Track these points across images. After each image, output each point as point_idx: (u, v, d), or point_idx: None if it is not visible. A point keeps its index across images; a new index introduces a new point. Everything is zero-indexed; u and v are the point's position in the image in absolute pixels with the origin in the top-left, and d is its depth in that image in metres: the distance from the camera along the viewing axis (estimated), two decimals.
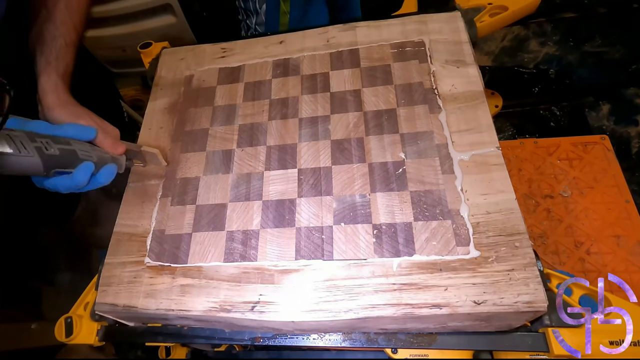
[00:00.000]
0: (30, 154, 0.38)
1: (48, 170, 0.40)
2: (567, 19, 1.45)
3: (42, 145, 0.39)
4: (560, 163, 0.88)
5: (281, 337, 0.48)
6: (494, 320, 0.41)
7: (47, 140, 0.40)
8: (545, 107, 1.30)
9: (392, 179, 0.48)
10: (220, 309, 0.44)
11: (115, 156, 0.48)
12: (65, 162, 0.41)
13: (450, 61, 0.55)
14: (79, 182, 0.42)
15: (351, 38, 0.62)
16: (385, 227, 0.45)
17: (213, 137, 0.57)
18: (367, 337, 0.46)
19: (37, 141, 0.39)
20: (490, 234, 0.42)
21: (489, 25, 0.62)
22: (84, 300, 0.54)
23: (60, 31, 0.52)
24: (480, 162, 0.46)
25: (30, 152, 0.38)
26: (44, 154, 0.39)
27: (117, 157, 0.48)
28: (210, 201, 0.51)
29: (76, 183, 0.42)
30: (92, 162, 0.43)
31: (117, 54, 1.24)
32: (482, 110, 0.50)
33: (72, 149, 0.42)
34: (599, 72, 1.33)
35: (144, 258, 0.49)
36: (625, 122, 1.21)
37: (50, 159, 0.40)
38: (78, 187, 0.43)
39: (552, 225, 0.82)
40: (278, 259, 0.45)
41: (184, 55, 0.68)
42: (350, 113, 0.54)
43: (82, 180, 0.42)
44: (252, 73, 0.62)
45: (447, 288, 0.40)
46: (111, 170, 0.45)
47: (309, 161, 0.51)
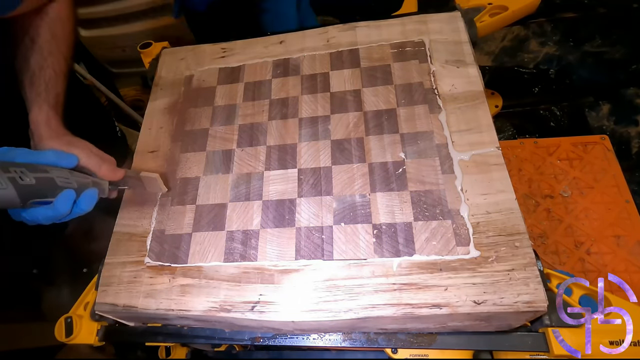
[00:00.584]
0: (2, 186, 0.36)
1: (25, 201, 0.38)
2: (567, 19, 1.45)
3: (15, 175, 0.37)
4: (560, 163, 0.88)
5: (281, 337, 0.48)
6: (494, 320, 0.41)
7: (21, 170, 0.38)
8: (545, 107, 1.30)
9: (392, 179, 0.48)
10: (220, 309, 0.44)
11: (97, 180, 0.45)
12: (43, 192, 0.39)
13: (450, 61, 0.55)
14: (60, 211, 0.40)
15: (351, 38, 0.62)
16: (385, 227, 0.45)
17: (213, 137, 0.57)
18: (367, 337, 0.46)
19: (10, 171, 0.37)
20: (490, 234, 0.42)
21: (489, 25, 0.62)
22: (84, 300, 0.54)
23: (48, 62, 0.51)
24: (480, 162, 0.46)
25: (3, 184, 0.36)
26: (18, 185, 0.37)
27: (99, 181, 0.46)
28: (210, 201, 0.51)
29: (58, 213, 0.40)
30: (72, 190, 0.41)
31: (117, 54, 1.24)
32: (482, 110, 0.50)
33: (49, 176, 0.40)
34: (599, 72, 1.33)
35: (144, 258, 0.49)
36: (625, 122, 1.21)
37: (26, 189, 0.37)
38: (60, 217, 0.41)
39: (552, 225, 0.82)
40: (278, 259, 0.45)
41: (184, 55, 0.68)
42: (350, 113, 0.54)
43: (64, 210, 0.41)
44: (252, 73, 0.62)
45: (447, 288, 0.40)
46: (92, 195, 0.43)
47: (309, 161, 0.51)
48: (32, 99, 0.49)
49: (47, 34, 0.52)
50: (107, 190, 0.47)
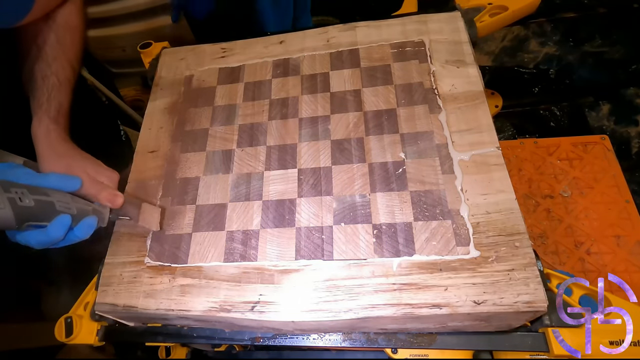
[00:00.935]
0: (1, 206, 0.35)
1: (20, 224, 0.37)
2: (567, 19, 1.45)
3: (15, 196, 0.36)
4: (560, 163, 0.88)
5: (281, 337, 0.48)
6: (494, 320, 0.41)
7: (22, 191, 0.36)
8: (545, 107, 1.30)
9: (392, 179, 0.48)
10: (220, 309, 0.44)
11: (98, 208, 0.44)
12: (40, 215, 0.38)
13: (450, 61, 0.55)
14: (53, 237, 0.38)
15: (351, 38, 0.62)
16: (385, 227, 0.45)
17: (213, 137, 0.57)
18: (367, 337, 0.46)
19: (11, 191, 0.36)
20: (490, 234, 0.42)
21: (489, 25, 0.62)
22: (84, 300, 0.54)
23: (52, 69, 0.49)
24: (480, 162, 0.46)
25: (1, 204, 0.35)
26: (16, 206, 0.36)
27: (100, 209, 0.44)
28: (210, 201, 0.51)
29: (50, 238, 0.38)
30: (69, 215, 0.39)
31: (117, 54, 1.23)
32: (482, 110, 0.50)
33: (49, 200, 0.38)
34: (599, 72, 1.33)
35: (144, 258, 0.49)
36: (625, 122, 1.21)
37: (24, 211, 0.36)
38: (52, 242, 0.39)
39: (552, 225, 0.82)
40: (278, 259, 0.45)
41: (184, 55, 0.68)
42: (350, 113, 0.54)
43: (57, 235, 0.39)
44: (252, 73, 0.62)
45: (447, 288, 0.40)
46: (90, 223, 0.41)
47: (309, 161, 0.51)
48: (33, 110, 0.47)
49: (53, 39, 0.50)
50: (107, 219, 0.45)
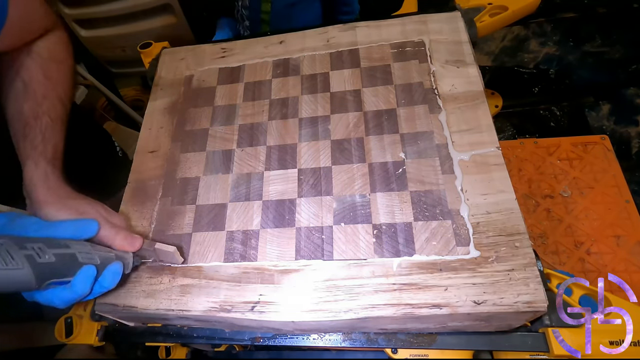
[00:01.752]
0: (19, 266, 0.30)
1: (41, 283, 0.32)
2: (567, 19, 1.45)
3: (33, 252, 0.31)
4: (560, 163, 0.88)
5: (281, 337, 0.48)
6: (494, 320, 0.41)
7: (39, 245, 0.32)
8: (545, 107, 1.30)
9: (392, 179, 0.48)
10: (220, 309, 0.44)
11: (120, 253, 0.40)
12: (64, 270, 0.34)
13: (450, 61, 0.55)
14: (80, 292, 0.35)
15: (351, 38, 0.62)
16: (385, 227, 0.45)
17: (213, 137, 0.57)
18: (367, 337, 0.46)
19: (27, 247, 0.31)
20: (490, 234, 0.42)
21: (489, 25, 0.62)
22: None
23: (43, 108, 0.45)
24: (480, 162, 0.46)
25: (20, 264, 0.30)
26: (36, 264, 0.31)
27: (122, 254, 0.40)
28: (210, 201, 0.51)
29: (77, 294, 0.35)
30: (93, 266, 0.35)
31: (117, 54, 1.23)
32: (482, 110, 0.50)
33: (70, 252, 0.34)
34: (599, 72, 1.33)
35: None
36: (625, 122, 1.21)
37: (45, 268, 0.32)
38: (79, 298, 0.36)
39: (552, 225, 0.82)
40: (278, 259, 0.45)
41: (184, 55, 0.68)
42: (350, 113, 0.54)
43: (84, 290, 0.35)
44: (252, 73, 0.62)
45: (447, 288, 0.40)
46: (116, 270, 0.38)
47: (309, 161, 0.51)
48: (26, 153, 0.43)
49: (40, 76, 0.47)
50: (132, 264, 0.41)
